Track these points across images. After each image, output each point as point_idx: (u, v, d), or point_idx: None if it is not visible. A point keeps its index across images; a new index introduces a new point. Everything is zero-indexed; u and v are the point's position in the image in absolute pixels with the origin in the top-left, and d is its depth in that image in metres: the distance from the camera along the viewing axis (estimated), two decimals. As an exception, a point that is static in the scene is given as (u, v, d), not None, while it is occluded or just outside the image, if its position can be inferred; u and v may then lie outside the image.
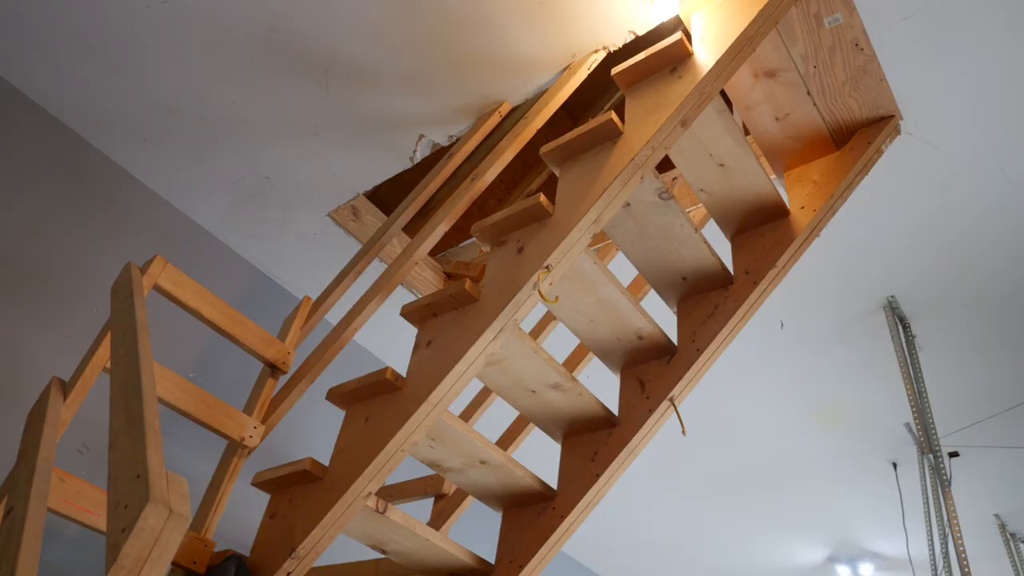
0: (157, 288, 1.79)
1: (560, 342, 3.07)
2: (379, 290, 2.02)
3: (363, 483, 1.61)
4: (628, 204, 1.89)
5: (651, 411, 2.01)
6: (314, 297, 2.35)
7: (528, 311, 1.70)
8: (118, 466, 1.01)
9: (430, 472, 2.67)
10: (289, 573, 1.60)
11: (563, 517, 1.96)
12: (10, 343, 2.30)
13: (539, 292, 1.62)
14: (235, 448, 1.88)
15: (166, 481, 0.94)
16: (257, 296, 3.11)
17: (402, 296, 3.14)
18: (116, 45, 2.37)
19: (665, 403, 2.00)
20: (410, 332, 3.33)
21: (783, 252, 2.01)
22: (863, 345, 3.03)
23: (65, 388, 1.57)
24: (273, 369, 2.01)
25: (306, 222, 2.91)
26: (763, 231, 2.08)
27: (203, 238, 2.98)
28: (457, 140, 2.48)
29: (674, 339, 2.11)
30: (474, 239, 3.19)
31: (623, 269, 2.69)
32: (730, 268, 2.11)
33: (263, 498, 2.72)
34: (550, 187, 3.59)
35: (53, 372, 2.35)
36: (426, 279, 3.10)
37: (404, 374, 1.76)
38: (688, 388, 2.04)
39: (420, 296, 3.12)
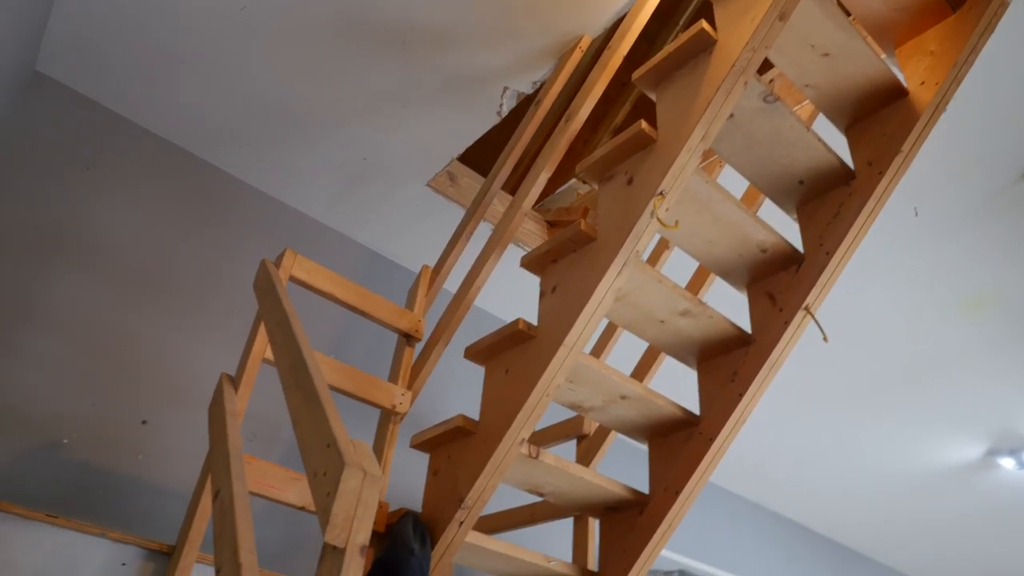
0: (293, 279, 1.90)
1: (674, 271, 3.03)
2: (494, 246, 2.06)
3: (515, 431, 1.67)
4: (732, 115, 1.82)
5: (786, 323, 1.96)
6: (430, 265, 2.42)
7: (648, 241, 1.69)
8: (306, 440, 1.09)
9: (569, 416, 2.73)
10: (461, 522, 1.70)
11: (711, 440, 1.96)
12: (176, 349, 2.51)
13: (658, 219, 1.60)
14: (388, 416, 1.99)
15: (353, 447, 1.02)
16: (374, 275, 3.24)
17: (509, 254, 3.18)
18: (205, 58, 2.48)
19: (800, 313, 1.95)
20: (521, 287, 3.38)
21: (907, 135, 1.89)
22: (1007, 221, 2.81)
23: (234, 381, 1.70)
24: (408, 338, 2.10)
25: (407, 195, 2.98)
26: (881, 117, 1.96)
27: (315, 228, 3.12)
28: (542, 85, 2.45)
29: (799, 246, 2.04)
30: (569, 184, 3.19)
31: (732, 184, 2.61)
32: (849, 163, 2.01)
33: (419, 460, 2.88)
34: (635, 119, 3.50)
35: (211, 369, 2.56)
36: (530, 231, 3.12)
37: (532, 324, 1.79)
38: (822, 294, 1.98)
39: (528, 249, 3.15)
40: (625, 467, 3.99)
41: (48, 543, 1.40)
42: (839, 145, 2.13)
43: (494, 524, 2.52)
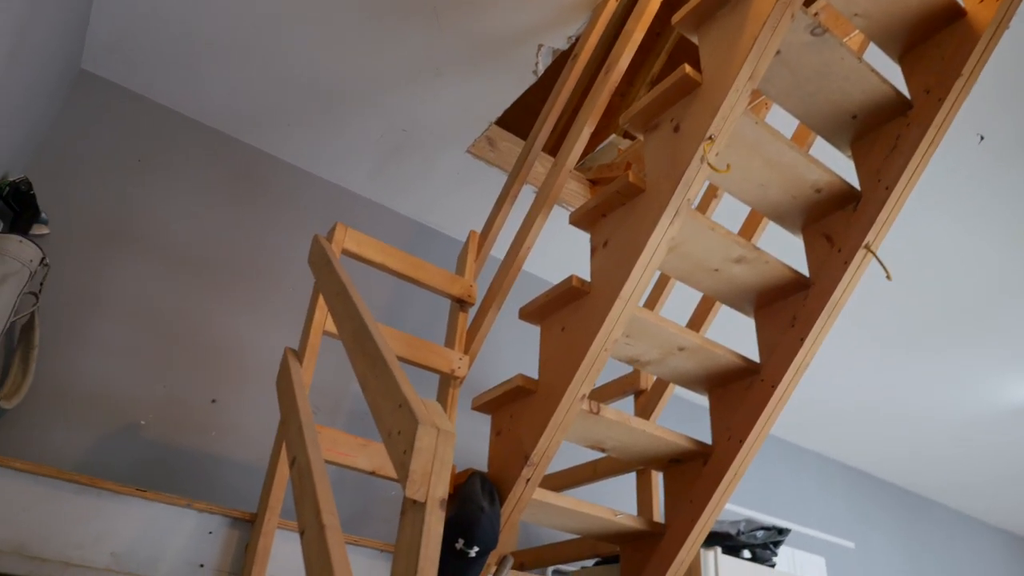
0: (345, 252, 1.93)
1: (724, 219, 2.98)
2: (541, 206, 2.05)
3: (575, 387, 1.68)
4: (779, 51, 1.77)
5: (846, 263, 1.91)
6: (475, 231, 2.43)
7: (699, 188, 1.66)
8: (376, 403, 1.12)
9: (624, 374, 2.73)
10: (528, 479, 1.72)
11: (774, 387, 1.94)
12: (237, 328, 2.58)
13: (709, 164, 1.57)
14: (447, 380, 2.02)
15: (424, 406, 1.03)
16: (419, 245, 3.26)
17: (553, 216, 3.16)
18: (241, 43, 2.51)
19: (860, 252, 1.90)
20: (566, 249, 3.37)
21: (966, 58, 1.80)
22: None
23: (297, 355, 1.75)
24: (461, 303, 2.12)
25: (447, 163, 2.98)
26: (937, 41, 1.87)
27: (358, 202, 3.15)
28: (577, 39, 2.41)
29: (855, 184, 1.98)
30: (609, 140, 3.14)
31: (781, 125, 2.54)
32: (905, 92, 1.93)
33: (479, 423, 2.93)
34: (672, 70, 3.42)
35: (272, 346, 2.63)
36: (573, 191, 3.10)
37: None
38: (883, 231, 1.92)
39: (572, 209, 3.13)
40: (682, 423, 3.99)
41: (139, 515, 1.47)
42: (893, 75, 2.05)
43: (557, 482, 2.55)
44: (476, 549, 1.62)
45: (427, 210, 3.25)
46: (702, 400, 4.22)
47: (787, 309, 2.00)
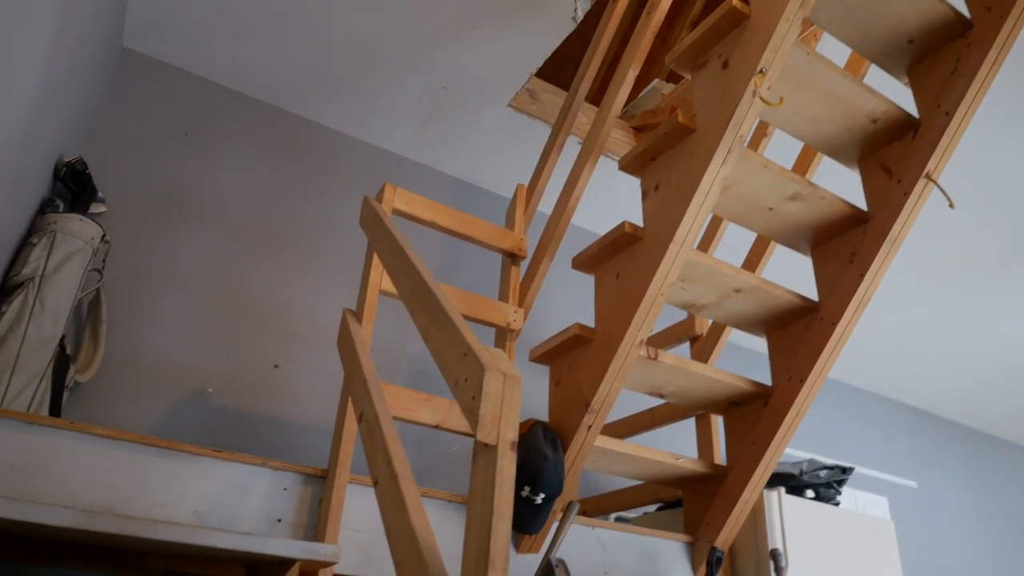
0: (395, 211, 1.94)
1: (772, 158, 2.90)
2: (588, 154, 2.02)
3: (633, 333, 1.68)
4: (830, -24, 1.69)
5: (906, 195, 1.85)
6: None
7: (751, 125, 1.62)
8: (441, 353, 1.13)
9: (677, 321, 2.71)
10: (589, 427, 1.73)
11: (834, 324, 1.90)
12: (293, 294, 2.64)
13: (761, 98, 1.52)
14: (504, 334, 2.03)
15: (489, 353, 1.04)
16: (464, 204, 3.26)
17: (598, 167, 3.12)
18: (278, 9, 2.50)
19: (921, 182, 1.83)
20: (612, 201, 3.33)
21: (1033, -32, 1.70)
22: None
23: (356, 315, 1.78)
24: (512, 257, 2.12)
25: (490, 119, 2.96)
26: (1001, -48, 1.77)
27: (402, 164, 3.16)
28: (616, -19, 2.34)
29: (913, 112, 1.90)
30: (652, 86, 3.07)
31: (831, 55, 2.44)
32: (964, 12, 1.83)
33: (536, 376, 2.96)
34: (711, 11, 3.31)
35: (328, 309, 2.68)
36: (617, 139, 3.05)
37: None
38: (944, 159, 1.85)
39: (617, 158, 3.08)
40: (736, 370, 3.96)
41: (217, 475, 1.53)
42: (952, -7, 1.95)
43: (616, 431, 2.57)
44: (542, 496, 1.65)
45: (472, 168, 3.24)
46: (757, 346, 4.18)
47: (845, 245, 1.95)
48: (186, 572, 1.74)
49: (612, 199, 3.35)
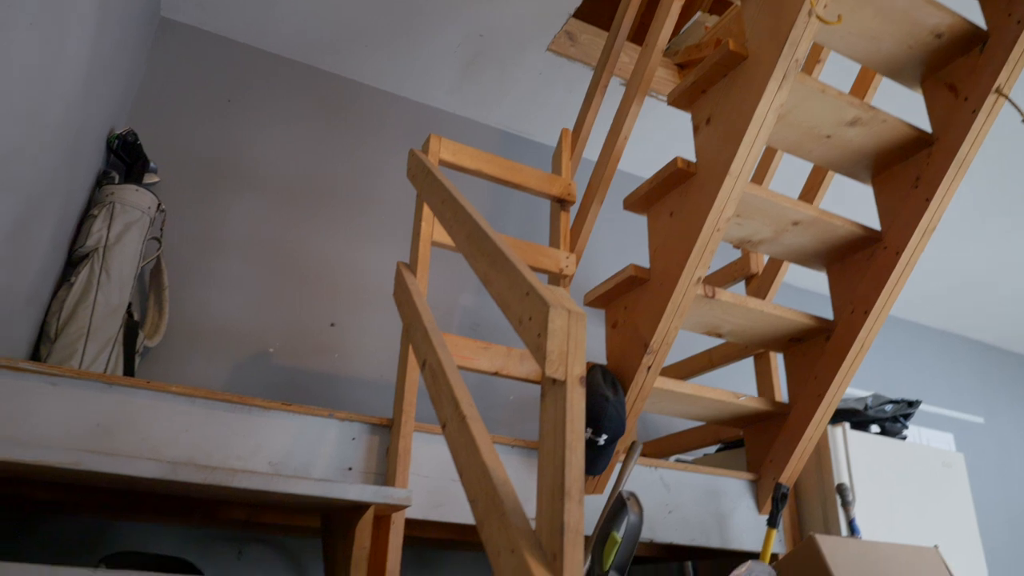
0: (441, 162, 1.93)
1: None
2: (634, 92, 1.97)
3: (690, 271, 1.65)
4: None
5: (974, 112, 1.76)
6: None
7: (806, 47, 1.55)
8: (502, 295, 1.13)
9: (732, 261, 2.65)
10: (649, 367, 1.73)
11: (898, 253, 1.84)
12: (344, 252, 2.67)
13: (818, 17, 1.45)
14: (557, 280, 2.02)
15: (551, 291, 1.04)
16: (509, 155, 3.23)
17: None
18: (311, -35, 2.48)
19: (991, 98, 1.74)
20: (655, 144, 3.25)
21: None
22: None
23: (410, 267, 1.79)
24: (562, 203, 2.10)
25: (529, 65, 2.90)
26: None
27: (443, 118, 3.14)
28: (654, -92, 2.24)
29: (980, 24, 1.79)
30: (695, 19, 2.96)
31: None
32: (1038, -92, 1.71)
33: (590, 322, 2.95)
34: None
35: (379, 265, 2.71)
36: (661, 78, 2.96)
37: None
38: (1016, 72, 1.75)
39: (662, 98, 3.00)
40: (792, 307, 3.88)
41: (288, 427, 1.58)
42: None
43: (673, 374, 2.56)
44: (604, 437, 1.65)
45: (514, 118, 3.20)
46: (813, 286, 4.09)
47: (909, 170, 1.87)
48: (264, 523, 1.81)
49: (657, 142, 3.28)
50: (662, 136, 3.24)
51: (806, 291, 4.12)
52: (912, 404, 2.26)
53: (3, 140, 1.33)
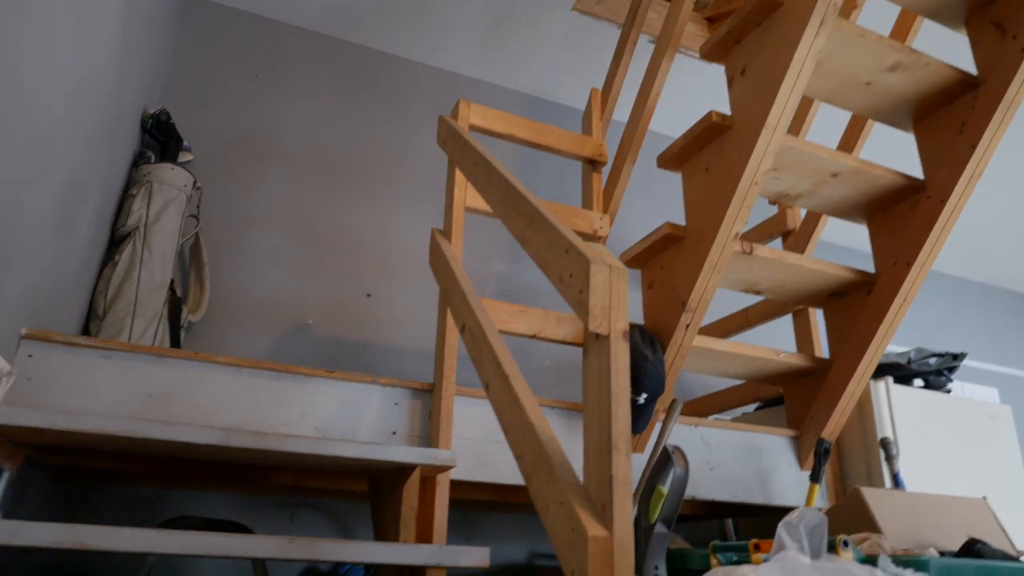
0: (472, 127, 1.92)
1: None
2: (665, 47, 1.93)
3: (727, 227, 1.63)
4: None
5: (1023, 52, 1.69)
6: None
7: (844, -10, 1.50)
8: (541, 254, 1.13)
9: (768, 217, 2.61)
10: (687, 325, 1.72)
11: (943, 202, 1.80)
12: (377, 224, 2.69)
13: (857, -43, 1.40)
14: (591, 241, 2.01)
15: (590, 247, 1.03)
16: (537, 120, 3.20)
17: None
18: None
19: (1040, 34, 1.67)
20: (685, 103, 3.19)
21: None
22: None
23: (444, 233, 1.80)
24: (593, 164, 2.08)
25: (555, 26, 2.86)
26: None
27: (470, 85, 3.11)
28: None
29: (1029, -43, 1.71)
30: (724, -30, 2.87)
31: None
32: None
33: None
34: None
35: (413, 234, 2.72)
36: (690, 33, 2.89)
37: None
38: (1066, 5, 1.67)
39: (692, 54, 2.94)
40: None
41: (332, 394, 1.61)
42: None
43: (709, 334, 2.54)
44: (644, 396, 1.66)
45: (541, 81, 3.17)
46: (850, 242, 4.01)
47: (954, 115, 1.81)
48: (311, 487, 1.86)
49: (687, 102, 3.22)
50: (692, 95, 3.18)
51: (844, 248, 4.04)
52: (957, 357, 2.22)
53: (48, 119, 1.36)
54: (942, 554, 1.36)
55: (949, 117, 1.82)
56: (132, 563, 1.92)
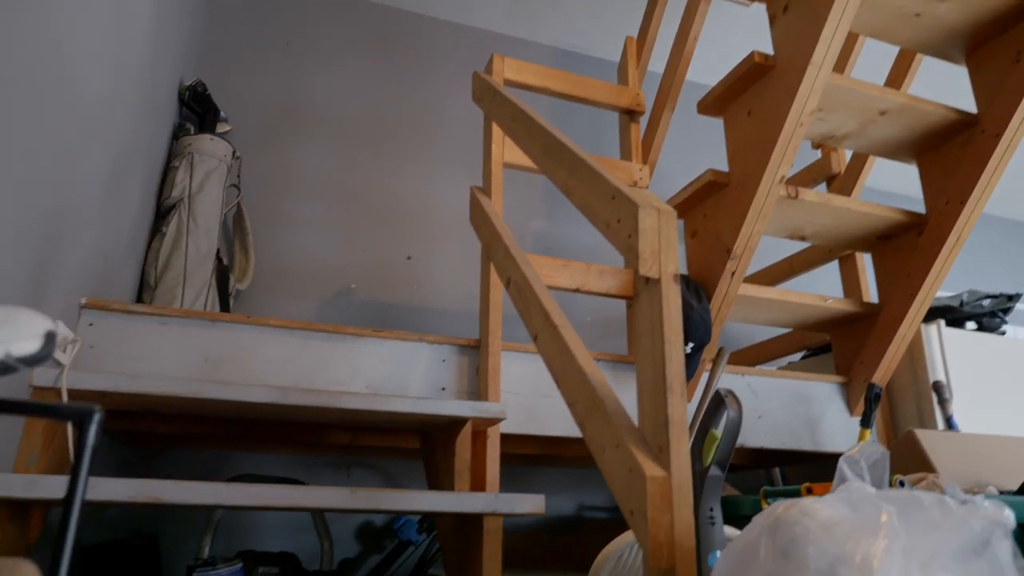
0: (506, 82, 1.90)
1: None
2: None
3: (772, 171, 1.60)
4: None
5: (1084, -29, 1.60)
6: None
7: (892, -85, 1.43)
8: (587, 202, 1.13)
9: (811, 162, 2.55)
10: (733, 273, 1.70)
11: (998, 136, 1.73)
12: (414, 186, 2.70)
13: None
14: (631, 194, 1.99)
15: (637, 192, 1.02)
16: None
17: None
18: None
19: (1103, -48, 1.58)
20: (721, 50, 3.10)
21: None
22: None
23: (483, 190, 1.79)
24: (631, 114, 2.05)
25: (584, -23, 2.80)
26: None
27: (500, 41, 3.07)
28: None
29: None
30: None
31: None
32: None
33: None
34: None
35: (450, 195, 2.72)
36: (725, -25, 2.80)
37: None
38: None
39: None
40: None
41: (381, 352, 1.64)
42: None
43: (754, 283, 2.51)
44: (691, 345, 1.65)
45: (570, 34, 3.11)
46: (894, 187, 3.90)
47: (1009, 44, 1.74)
48: (365, 445, 1.91)
49: (724, 50, 3.13)
50: (730, 42, 3.09)
51: (889, 193, 3.93)
52: (1012, 298, 2.16)
53: (93, 88, 1.38)
54: (1001, 493, 1.34)
55: (1004, 46, 1.75)
56: (198, 521, 2.00)
